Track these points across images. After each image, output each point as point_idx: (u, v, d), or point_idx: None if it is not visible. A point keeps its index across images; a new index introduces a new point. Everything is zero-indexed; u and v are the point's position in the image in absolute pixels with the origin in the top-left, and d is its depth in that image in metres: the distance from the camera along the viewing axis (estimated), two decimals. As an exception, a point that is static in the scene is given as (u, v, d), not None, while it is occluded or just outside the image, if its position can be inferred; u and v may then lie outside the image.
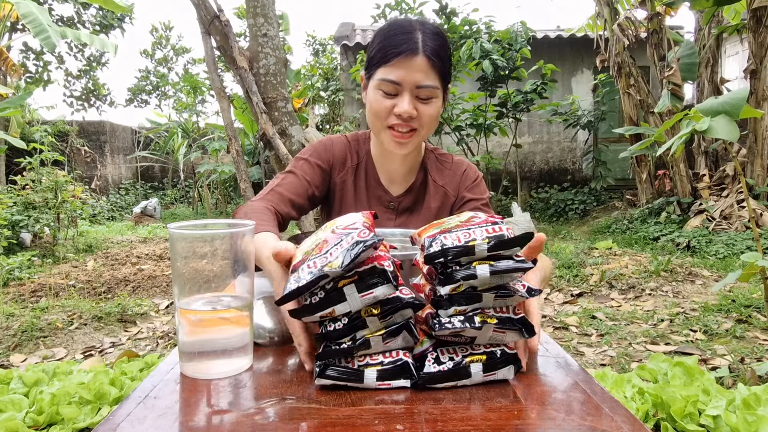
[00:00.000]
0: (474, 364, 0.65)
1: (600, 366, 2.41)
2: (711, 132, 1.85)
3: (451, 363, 0.65)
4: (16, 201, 5.59)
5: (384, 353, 0.67)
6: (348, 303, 0.63)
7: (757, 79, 5.34)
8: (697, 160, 6.35)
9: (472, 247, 0.63)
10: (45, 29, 5.88)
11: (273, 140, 3.84)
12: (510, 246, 0.65)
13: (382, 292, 0.63)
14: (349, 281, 0.63)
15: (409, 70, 0.99)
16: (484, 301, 0.65)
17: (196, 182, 10.33)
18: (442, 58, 1.02)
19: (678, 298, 3.51)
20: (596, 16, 6.84)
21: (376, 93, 1.03)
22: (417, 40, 0.99)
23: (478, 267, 0.63)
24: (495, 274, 0.63)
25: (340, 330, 0.64)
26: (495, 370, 0.66)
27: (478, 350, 0.67)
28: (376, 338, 0.64)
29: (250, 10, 4.00)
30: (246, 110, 7.86)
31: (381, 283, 0.63)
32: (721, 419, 1.46)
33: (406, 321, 0.65)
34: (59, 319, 3.10)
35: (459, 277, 0.63)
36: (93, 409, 1.66)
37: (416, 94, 1.02)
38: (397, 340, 0.66)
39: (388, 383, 0.65)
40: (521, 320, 0.67)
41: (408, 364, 0.65)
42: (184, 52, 13.49)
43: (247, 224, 0.71)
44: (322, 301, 0.63)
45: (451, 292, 0.64)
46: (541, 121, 8.76)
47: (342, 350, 0.64)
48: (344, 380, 0.65)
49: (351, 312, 0.64)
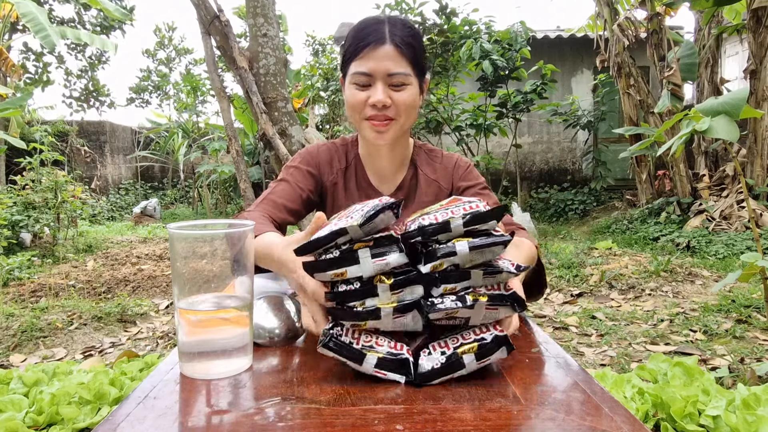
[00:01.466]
0: (466, 355, 0.66)
1: (600, 366, 2.41)
2: (711, 132, 1.85)
3: (443, 357, 0.66)
4: (16, 201, 5.58)
5: (389, 342, 0.67)
6: (360, 267, 0.64)
7: (756, 79, 5.34)
8: (697, 160, 6.35)
9: (447, 222, 0.65)
10: (44, 28, 5.88)
11: (273, 140, 3.84)
12: (486, 219, 0.66)
13: (395, 260, 0.64)
14: (365, 245, 0.64)
15: (378, 59, 1.00)
16: (473, 279, 0.66)
17: (196, 182, 10.33)
18: (412, 46, 1.03)
19: (678, 298, 3.51)
20: (596, 16, 6.84)
21: (351, 87, 1.05)
22: (384, 31, 1.00)
23: (457, 244, 0.64)
24: (474, 250, 0.64)
25: (351, 292, 0.65)
26: (488, 356, 0.67)
27: (468, 339, 0.67)
28: (386, 310, 0.64)
29: (250, 10, 4.00)
30: (246, 110, 7.86)
31: (395, 251, 0.64)
32: (720, 419, 1.46)
33: (419, 301, 0.66)
34: (59, 319, 3.10)
35: (439, 254, 0.64)
36: (93, 410, 1.66)
37: (388, 82, 1.02)
38: (407, 318, 0.66)
39: (384, 373, 0.66)
40: (512, 295, 0.68)
41: (408, 362, 0.66)
42: (186, 52, 13.50)
43: (246, 224, 0.71)
44: (336, 260, 0.64)
45: (433, 270, 0.65)
46: (541, 122, 8.76)
47: (352, 312, 0.64)
48: (345, 357, 0.65)
49: (363, 277, 0.64)
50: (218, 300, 0.70)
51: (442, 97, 6.69)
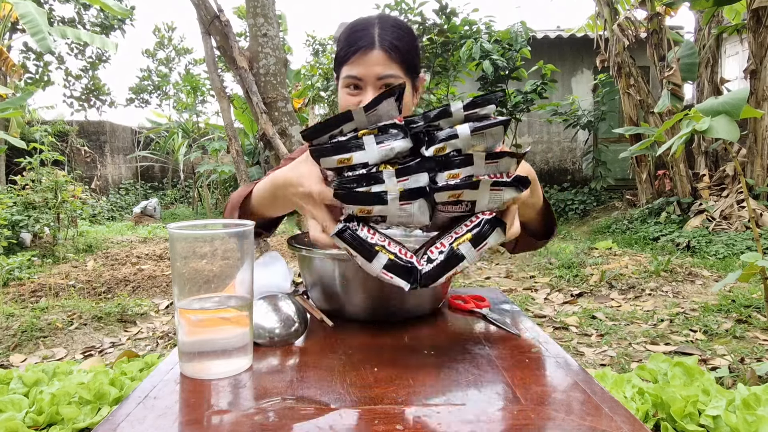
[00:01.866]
0: (462, 245, 0.67)
1: (600, 366, 2.41)
2: (711, 132, 1.85)
3: (441, 255, 0.67)
4: (16, 201, 5.59)
5: (400, 248, 0.68)
6: (366, 152, 0.65)
7: (757, 79, 5.34)
8: (697, 160, 6.35)
9: (447, 106, 0.66)
10: (41, 30, 5.88)
11: (273, 140, 3.84)
12: (483, 104, 0.67)
13: (400, 145, 0.65)
14: (370, 132, 0.65)
15: (368, 64, 1.00)
16: (476, 165, 0.66)
17: (196, 182, 10.33)
18: (402, 49, 1.02)
19: (678, 298, 3.51)
20: (596, 16, 6.84)
21: (343, 92, 1.06)
22: (374, 35, 1.00)
23: (458, 127, 0.65)
24: (476, 132, 0.65)
25: (356, 177, 0.65)
26: (484, 240, 0.67)
27: (461, 232, 0.68)
28: (392, 194, 0.65)
29: (250, 10, 4.00)
30: (246, 110, 7.85)
31: (399, 136, 0.65)
32: (720, 419, 1.46)
33: (425, 188, 0.66)
34: (59, 319, 3.10)
35: (442, 137, 0.65)
36: (93, 409, 1.66)
37: (379, 86, 1.03)
38: (413, 206, 0.67)
39: (390, 276, 0.67)
40: (515, 178, 0.68)
41: (415, 270, 0.67)
42: (186, 52, 13.51)
43: (246, 224, 0.71)
44: (342, 144, 0.65)
45: (436, 153, 0.66)
46: (541, 121, 8.76)
47: (359, 194, 0.65)
48: (357, 250, 0.66)
49: (368, 164, 0.65)
50: (218, 300, 0.70)
51: (442, 97, 6.68)
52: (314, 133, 0.68)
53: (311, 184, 0.71)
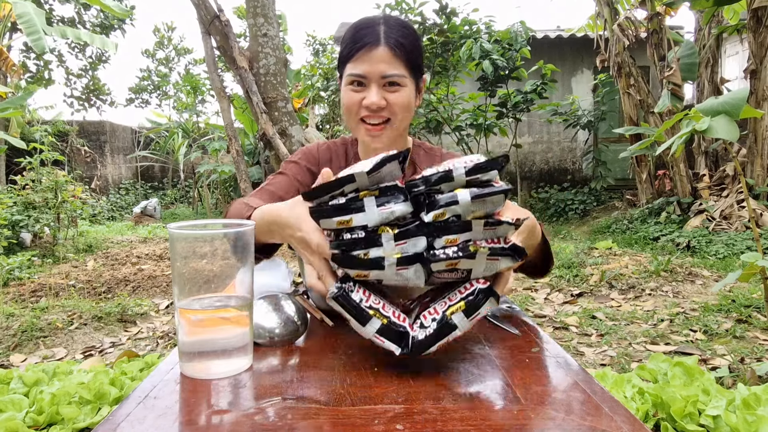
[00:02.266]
0: (456, 315, 0.67)
1: (600, 366, 2.41)
2: (711, 132, 1.85)
3: (434, 323, 0.67)
4: (16, 201, 5.58)
5: (395, 311, 0.68)
6: (366, 215, 0.64)
7: (757, 79, 5.34)
8: (697, 160, 6.35)
9: (449, 171, 0.65)
10: (37, 30, 5.88)
11: (273, 140, 3.83)
12: (487, 169, 0.66)
13: (400, 209, 0.65)
14: (370, 194, 0.65)
15: (372, 61, 1.00)
16: (474, 231, 0.66)
17: (196, 182, 10.33)
18: (407, 48, 1.02)
19: (678, 298, 3.51)
20: (596, 16, 6.84)
21: (346, 89, 1.05)
22: (379, 33, 1.01)
23: (459, 193, 0.65)
24: (476, 199, 0.64)
25: (355, 240, 0.65)
26: (477, 310, 0.67)
27: (454, 300, 0.68)
28: (390, 260, 0.65)
29: (250, 10, 4.00)
30: (246, 110, 7.85)
31: (400, 200, 0.65)
32: (721, 419, 1.46)
33: (421, 252, 0.66)
34: (59, 319, 3.10)
35: (442, 203, 0.65)
36: (93, 409, 1.66)
37: (383, 83, 1.03)
38: (409, 271, 0.67)
39: (382, 340, 0.67)
40: (512, 247, 0.68)
41: (407, 335, 0.67)
42: (185, 52, 13.51)
43: (246, 224, 0.71)
44: (342, 206, 0.65)
45: (435, 219, 0.65)
46: (541, 121, 8.75)
47: (357, 259, 0.65)
48: (351, 314, 0.66)
49: (368, 226, 0.65)
50: (218, 300, 0.70)
51: (442, 97, 6.68)
52: (315, 193, 0.67)
53: (309, 231, 0.70)
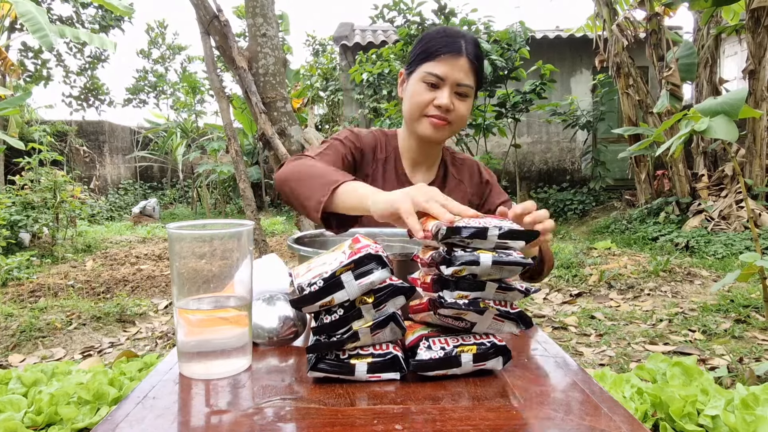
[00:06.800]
0: (465, 354, 0.67)
1: (599, 366, 2.42)
2: (710, 132, 1.85)
3: (442, 352, 0.67)
4: (15, 201, 5.57)
5: (374, 345, 0.69)
6: (346, 290, 0.65)
7: (755, 79, 5.34)
8: (696, 160, 6.36)
9: (485, 230, 0.65)
10: (42, 27, 5.87)
11: (272, 140, 3.83)
12: (519, 237, 0.67)
13: (378, 277, 0.65)
14: (346, 269, 0.65)
15: (453, 67, 1.09)
16: (487, 291, 0.67)
17: (195, 182, 10.32)
18: (480, 65, 1.13)
19: (677, 298, 3.51)
20: (595, 17, 6.84)
21: (419, 85, 1.12)
22: (461, 44, 1.11)
23: (481, 255, 0.65)
24: (496, 265, 0.65)
25: (335, 322, 0.66)
26: (485, 360, 0.68)
27: (468, 341, 0.69)
28: (364, 330, 0.66)
29: (250, 10, 3.99)
30: (245, 110, 7.86)
31: (376, 268, 0.65)
32: (719, 419, 1.47)
33: (393, 313, 0.67)
34: (58, 319, 3.09)
35: (462, 261, 0.65)
36: (92, 410, 1.66)
37: (455, 90, 1.11)
38: (385, 332, 0.68)
39: (378, 375, 0.67)
40: (519, 314, 0.69)
41: (398, 358, 0.67)
42: (180, 50, 13.48)
43: (246, 224, 0.71)
44: (322, 290, 0.65)
45: (453, 275, 0.66)
46: (540, 122, 8.76)
47: (332, 343, 0.66)
48: (336, 373, 0.66)
49: (348, 300, 0.65)
50: (217, 300, 0.70)
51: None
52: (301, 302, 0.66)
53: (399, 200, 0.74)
